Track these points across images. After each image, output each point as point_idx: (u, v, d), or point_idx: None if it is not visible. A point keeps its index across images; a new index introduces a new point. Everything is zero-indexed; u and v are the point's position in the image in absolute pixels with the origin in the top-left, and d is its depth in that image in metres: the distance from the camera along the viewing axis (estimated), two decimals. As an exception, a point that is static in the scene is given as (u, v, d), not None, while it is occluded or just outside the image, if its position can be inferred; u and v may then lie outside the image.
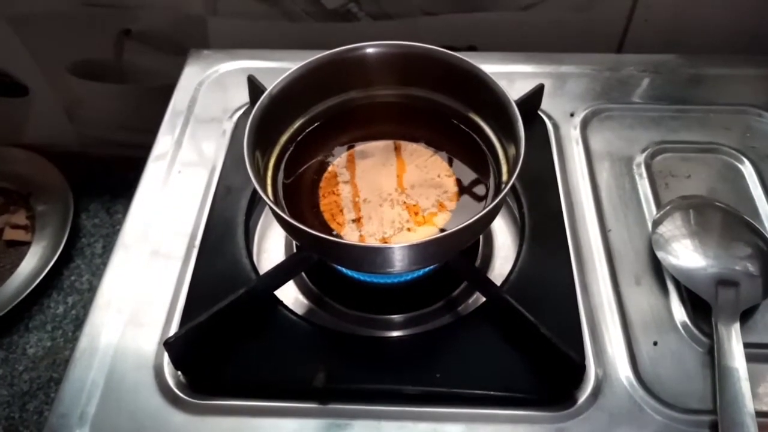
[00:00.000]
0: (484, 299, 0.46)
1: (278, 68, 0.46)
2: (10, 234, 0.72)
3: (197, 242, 0.50)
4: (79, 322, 0.47)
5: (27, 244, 0.72)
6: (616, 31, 0.69)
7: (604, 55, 0.67)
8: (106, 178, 0.79)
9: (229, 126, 0.60)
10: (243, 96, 0.59)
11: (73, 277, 0.70)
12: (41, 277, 0.67)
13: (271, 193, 0.45)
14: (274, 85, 0.45)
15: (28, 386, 0.61)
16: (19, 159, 0.78)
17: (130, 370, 0.44)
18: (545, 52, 0.66)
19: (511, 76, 0.63)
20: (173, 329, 0.45)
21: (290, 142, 0.49)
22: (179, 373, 0.43)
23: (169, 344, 0.41)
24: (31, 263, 0.70)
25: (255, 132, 0.43)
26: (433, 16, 0.68)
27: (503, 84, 0.45)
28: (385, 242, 0.43)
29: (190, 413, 0.42)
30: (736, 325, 0.43)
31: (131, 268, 0.50)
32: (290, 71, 0.46)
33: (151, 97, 0.67)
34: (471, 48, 0.71)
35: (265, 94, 0.44)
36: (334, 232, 0.44)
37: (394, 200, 0.46)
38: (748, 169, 0.55)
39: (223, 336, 0.44)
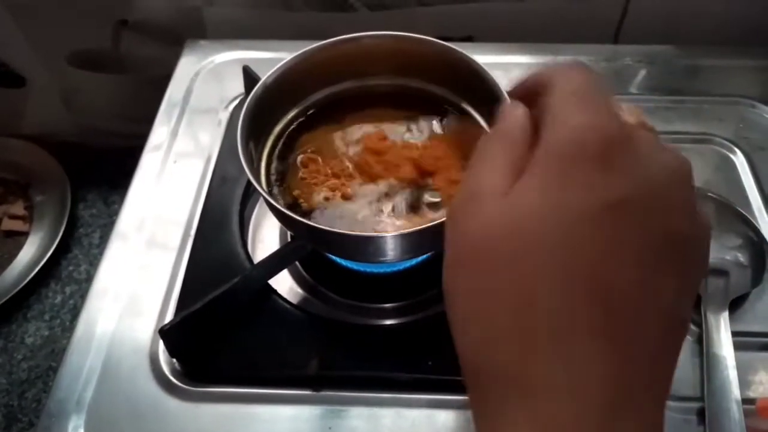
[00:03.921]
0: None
1: (274, 58, 0.46)
2: (7, 224, 0.72)
3: (192, 231, 0.51)
4: (76, 312, 0.47)
5: (25, 234, 0.72)
6: (612, 22, 0.69)
7: (600, 45, 0.67)
8: (103, 168, 0.79)
9: (224, 116, 0.60)
10: (239, 86, 0.60)
11: (70, 267, 0.70)
12: (39, 267, 0.67)
13: (264, 183, 0.45)
14: (268, 75, 0.45)
15: (26, 375, 0.62)
16: (16, 149, 0.78)
17: (126, 358, 0.44)
18: (541, 42, 0.66)
19: (508, 66, 0.62)
20: (169, 317, 0.46)
21: (284, 132, 0.49)
22: (174, 360, 0.44)
23: (164, 332, 0.42)
24: (28, 253, 0.70)
25: (249, 122, 0.43)
26: (430, 6, 0.68)
27: (499, 75, 0.45)
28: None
29: (185, 400, 0.42)
30: (725, 314, 0.44)
31: (127, 257, 0.50)
32: (284, 61, 0.46)
33: (149, 87, 0.67)
34: (467, 39, 0.71)
35: (259, 84, 0.44)
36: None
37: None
38: (740, 160, 0.56)
39: (217, 324, 0.44)
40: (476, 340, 0.22)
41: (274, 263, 0.46)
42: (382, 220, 0.43)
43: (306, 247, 0.46)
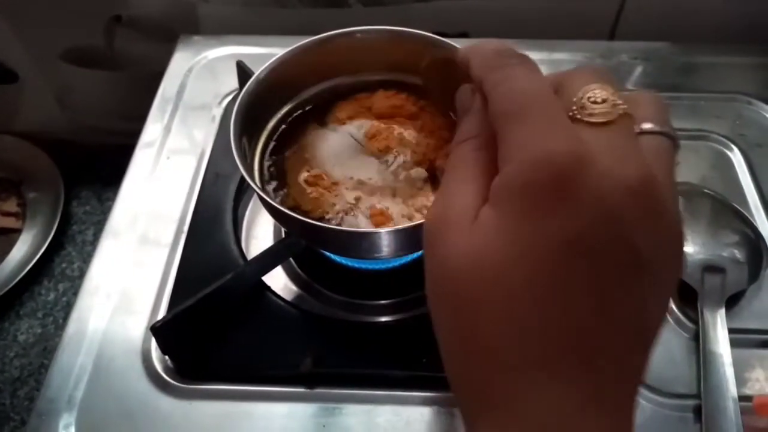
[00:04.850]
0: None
1: (268, 54, 0.46)
2: (0, 221, 0.72)
3: (186, 228, 0.50)
4: (69, 309, 0.47)
5: (18, 232, 0.71)
6: (608, 18, 0.69)
7: (596, 42, 0.67)
8: (97, 165, 0.78)
9: (218, 112, 0.60)
10: (232, 82, 0.59)
11: (63, 265, 0.70)
12: (32, 265, 0.67)
13: (258, 179, 0.45)
14: (261, 70, 0.45)
15: (18, 372, 0.61)
16: (9, 146, 0.78)
17: (118, 355, 0.44)
18: (537, 39, 0.66)
19: (503, 63, 0.62)
20: (161, 314, 0.45)
21: (278, 128, 0.48)
22: (167, 357, 0.43)
23: (156, 329, 0.41)
24: (21, 250, 0.69)
25: (242, 117, 0.42)
26: (425, 2, 0.68)
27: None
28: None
29: (178, 398, 0.42)
30: (722, 311, 0.44)
31: (120, 254, 0.50)
32: (278, 56, 0.45)
33: (143, 84, 0.67)
34: (462, 35, 0.71)
35: (252, 79, 0.44)
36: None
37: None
38: (737, 157, 0.55)
39: (210, 321, 0.44)
40: (455, 363, 0.23)
41: (267, 260, 0.46)
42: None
43: (300, 244, 0.46)
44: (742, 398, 0.40)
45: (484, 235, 0.21)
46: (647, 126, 0.23)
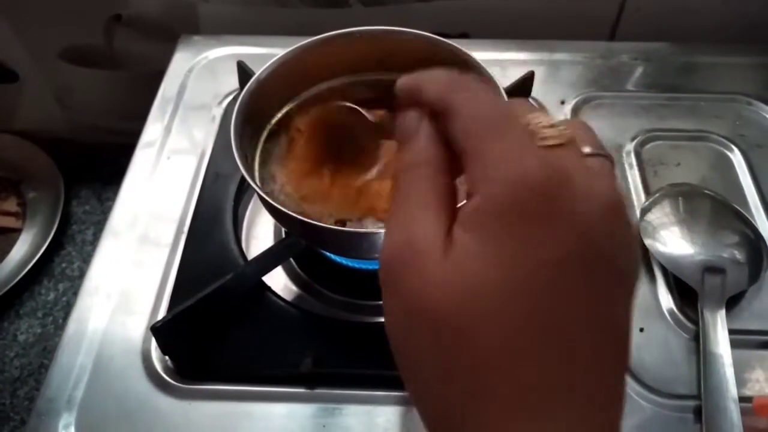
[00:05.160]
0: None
1: (269, 54, 0.46)
2: (0, 221, 0.72)
3: (186, 228, 0.50)
4: (69, 309, 0.47)
5: (18, 231, 0.71)
6: (608, 19, 0.69)
7: (596, 42, 0.67)
8: (97, 165, 0.78)
9: (218, 112, 0.60)
10: (233, 82, 0.59)
11: (63, 264, 0.70)
12: (32, 264, 0.67)
13: (258, 179, 0.45)
14: (261, 70, 0.45)
15: (18, 372, 0.61)
16: (9, 145, 0.78)
17: (117, 355, 0.44)
18: (538, 39, 0.66)
19: (504, 63, 0.62)
20: (161, 314, 0.45)
21: (279, 128, 0.48)
22: (167, 358, 0.43)
23: (156, 329, 0.41)
24: (21, 250, 0.69)
25: (242, 118, 0.42)
26: (425, 2, 0.68)
27: (495, 71, 0.45)
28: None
29: (178, 398, 0.42)
30: (722, 312, 0.43)
31: (120, 254, 0.50)
32: (278, 56, 0.45)
33: (143, 84, 0.67)
34: (463, 35, 0.71)
35: (252, 79, 0.44)
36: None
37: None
38: (737, 158, 0.55)
39: (211, 321, 0.44)
40: (432, 396, 0.22)
41: (267, 260, 0.46)
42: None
43: (300, 244, 0.46)
44: (743, 399, 0.40)
45: (464, 262, 0.20)
46: (587, 149, 0.23)
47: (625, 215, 0.22)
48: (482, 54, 0.47)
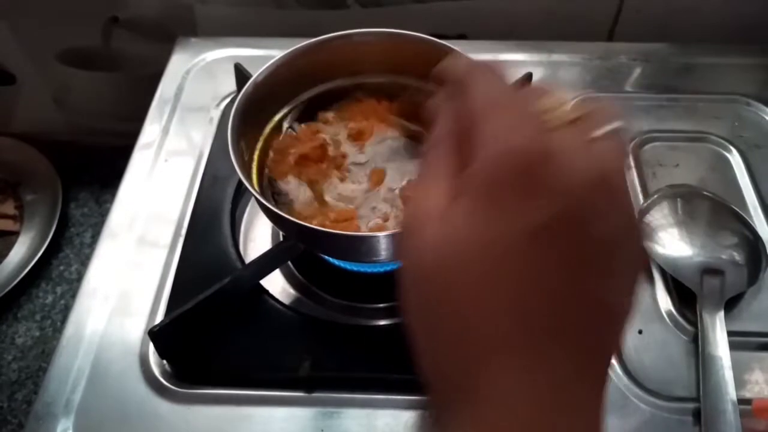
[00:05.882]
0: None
1: (266, 56, 0.46)
2: (-2, 224, 0.72)
3: (183, 231, 0.50)
4: (67, 312, 0.47)
5: (15, 234, 0.71)
6: (606, 19, 0.69)
7: (594, 43, 0.67)
8: (95, 167, 0.78)
9: (216, 114, 0.60)
10: (230, 84, 0.59)
11: (61, 267, 0.69)
12: (30, 267, 0.66)
13: (256, 182, 0.45)
14: (259, 72, 0.45)
15: (16, 375, 0.61)
16: (6, 147, 0.77)
17: (115, 359, 0.44)
18: (536, 40, 0.65)
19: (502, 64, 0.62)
20: (159, 318, 0.45)
21: (276, 130, 0.48)
22: (164, 362, 0.43)
23: (153, 333, 0.41)
24: (19, 253, 0.69)
25: (240, 120, 0.42)
26: (423, 4, 0.68)
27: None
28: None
29: (176, 402, 0.42)
30: (721, 314, 0.43)
31: (118, 257, 0.49)
32: (276, 59, 0.45)
33: (141, 85, 0.67)
34: (461, 36, 0.71)
35: (249, 82, 0.44)
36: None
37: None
38: (736, 159, 0.55)
39: (208, 325, 0.43)
40: (429, 355, 0.24)
41: (265, 263, 0.46)
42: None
43: (298, 247, 0.46)
44: (741, 401, 0.40)
45: (453, 224, 0.22)
46: (599, 131, 0.24)
47: (613, 193, 0.23)
48: (480, 55, 0.45)
